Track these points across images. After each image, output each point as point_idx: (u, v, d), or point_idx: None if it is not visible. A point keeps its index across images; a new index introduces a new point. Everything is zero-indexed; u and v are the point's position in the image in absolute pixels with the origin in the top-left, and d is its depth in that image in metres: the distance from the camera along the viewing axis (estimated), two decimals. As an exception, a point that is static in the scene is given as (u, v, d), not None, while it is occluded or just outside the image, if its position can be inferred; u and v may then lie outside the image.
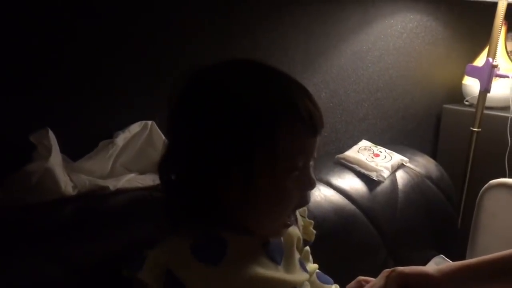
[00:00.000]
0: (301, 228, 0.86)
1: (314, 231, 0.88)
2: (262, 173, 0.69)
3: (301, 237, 0.84)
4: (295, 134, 0.70)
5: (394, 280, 0.76)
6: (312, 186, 0.74)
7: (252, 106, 0.68)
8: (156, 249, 0.71)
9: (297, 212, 0.87)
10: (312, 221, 0.89)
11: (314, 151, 0.73)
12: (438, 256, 1.34)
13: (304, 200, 0.74)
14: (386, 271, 0.79)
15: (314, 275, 0.86)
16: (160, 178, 0.76)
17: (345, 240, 1.16)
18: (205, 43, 1.23)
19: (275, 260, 0.76)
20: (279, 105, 0.69)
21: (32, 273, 0.76)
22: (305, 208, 0.89)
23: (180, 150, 0.73)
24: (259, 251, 0.75)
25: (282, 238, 0.79)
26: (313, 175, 0.74)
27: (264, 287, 0.73)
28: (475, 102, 1.72)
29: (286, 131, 0.69)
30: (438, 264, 1.29)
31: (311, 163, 0.74)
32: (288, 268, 0.78)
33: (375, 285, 0.78)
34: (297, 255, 0.82)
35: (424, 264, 1.29)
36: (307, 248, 0.87)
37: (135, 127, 1.11)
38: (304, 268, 0.81)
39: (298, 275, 0.79)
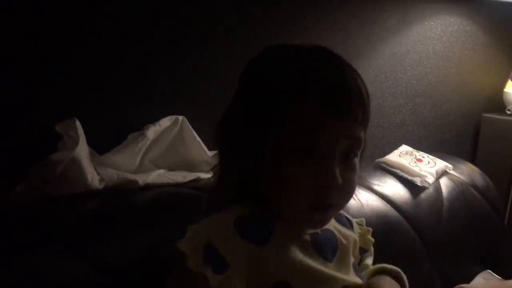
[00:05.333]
0: (357, 234, 0.80)
1: (372, 239, 0.82)
2: (271, 149, 0.65)
3: (357, 241, 0.78)
4: (306, 110, 0.63)
5: None
6: (329, 181, 0.63)
7: (264, 77, 0.66)
8: (198, 224, 0.65)
9: (352, 219, 0.82)
10: (370, 229, 0.83)
11: (341, 139, 0.64)
12: (485, 271, 1.24)
13: (318, 196, 0.64)
14: None
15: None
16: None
17: (387, 248, 1.07)
18: (239, 40, 1.17)
19: (324, 256, 0.69)
20: (291, 74, 0.64)
21: (56, 270, 0.70)
22: (362, 218, 0.85)
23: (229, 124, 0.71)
24: (307, 242, 0.69)
25: (338, 238, 0.73)
26: (337, 170, 0.64)
27: (311, 277, 0.66)
28: (518, 110, 1.65)
29: (297, 105, 0.63)
30: (486, 280, 1.19)
31: (353, 156, 0.66)
32: (340, 267, 0.71)
33: None
34: (352, 259, 0.74)
35: (471, 279, 1.20)
36: (369, 262, 0.80)
37: (166, 121, 1.05)
38: (357, 273, 0.74)
39: (350, 276, 0.71)
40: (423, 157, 1.30)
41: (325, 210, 0.66)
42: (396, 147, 1.42)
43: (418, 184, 1.20)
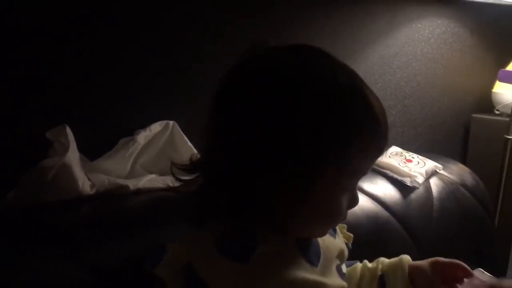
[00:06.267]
0: (340, 237, 0.79)
1: (351, 235, 0.82)
2: (324, 187, 0.61)
3: (345, 249, 0.76)
4: (371, 152, 0.63)
5: None
6: (357, 203, 0.68)
7: (326, 113, 0.59)
8: (177, 243, 0.64)
9: None
10: (345, 225, 0.82)
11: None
12: (476, 269, 1.25)
13: (345, 216, 0.67)
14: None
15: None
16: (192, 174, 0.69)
17: (379, 248, 1.08)
18: (230, 45, 1.18)
19: (311, 261, 0.69)
20: (361, 118, 0.61)
21: (48, 274, 0.70)
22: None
23: (229, 151, 0.62)
24: (293, 250, 0.67)
25: (319, 242, 0.72)
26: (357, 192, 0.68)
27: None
28: (506, 110, 1.67)
29: (363, 148, 0.61)
30: (477, 278, 1.20)
31: None
32: (325, 271, 0.70)
33: None
34: (336, 262, 0.74)
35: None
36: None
37: (156, 127, 1.06)
38: (341, 275, 0.74)
39: (335, 280, 0.71)
40: (413, 158, 1.31)
41: None
42: (387, 149, 1.44)
43: (408, 184, 1.21)
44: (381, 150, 0.65)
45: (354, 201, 0.67)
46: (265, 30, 1.24)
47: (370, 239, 1.07)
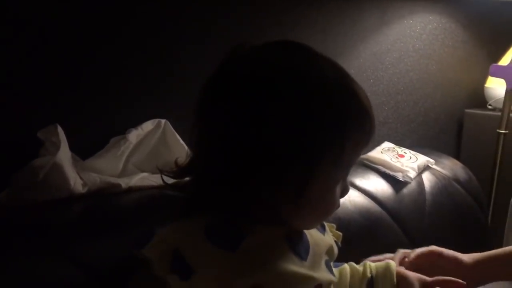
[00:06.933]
0: (329, 233, 0.80)
1: (340, 233, 0.82)
2: (320, 180, 0.62)
3: (334, 245, 0.77)
4: (361, 142, 0.65)
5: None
6: (347, 192, 0.70)
7: (320, 108, 0.60)
8: (167, 227, 0.64)
9: None
10: (334, 224, 0.82)
11: None
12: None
13: (338, 205, 0.69)
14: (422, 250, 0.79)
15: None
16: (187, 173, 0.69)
17: (371, 243, 1.08)
18: (220, 42, 1.18)
19: (299, 255, 0.69)
20: (350, 109, 0.62)
21: (41, 273, 0.71)
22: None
23: (223, 153, 0.63)
24: (282, 242, 0.68)
25: (309, 237, 0.72)
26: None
27: (285, 280, 0.65)
28: (498, 105, 1.67)
29: (354, 139, 0.63)
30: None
31: None
32: (313, 266, 0.71)
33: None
34: (324, 257, 0.75)
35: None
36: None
37: (148, 125, 1.06)
38: (330, 270, 0.74)
39: (324, 274, 0.71)
40: (405, 153, 1.31)
41: None
42: (379, 144, 1.44)
43: (400, 179, 1.22)
44: (370, 140, 0.66)
45: (346, 190, 0.69)
46: (255, 28, 1.25)
47: (362, 234, 1.08)
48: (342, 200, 1.07)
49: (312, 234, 0.72)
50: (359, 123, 0.63)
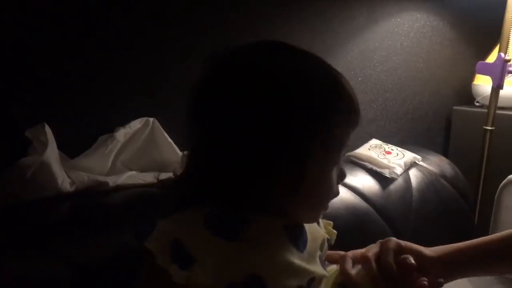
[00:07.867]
0: (322, 228, 0.81)
1: (335, 232, 0.84)
2: (314, 167, 0.65)
3: (325, 238, 0.78)
4: (348, 125, 0.67)
5: (391, 248, 0.74)
6: (345, 177, 0.72)
7: (303, 96, 0.63)
8: (167, 218, 0.65)
9: None
10: (331, 222, 0.84)
11: None
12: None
13: (337, 191, 0.71)
14: (380, 240, 0.77)
15: None
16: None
17: (358, 238, 1.08)
18: (209, 40, 1.19)
19: (297, 247, 0.70)
20: (333, 95, 0.65)
21: (28, 272, 0.71)
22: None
23: (215, 145, 0.65)
24: (281, 233, 0.69)
25: (307, 230, 0.74)
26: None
27: (283, 270, 0.66)
28: (485, 102, 1.69)
29: (341, 123, 0.66)
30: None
31: None
32: (310, 259, 0.72)
33: (370, 251, 0.76)
34: (318, 252, 0.76)
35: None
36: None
37: (136, 124, 1.07)
38: (323, 265, 0.76)
39: (318, 268, 0.73)
40: (392, 150, 1.33)
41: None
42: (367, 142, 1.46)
43: (387, 175, 1.23)
44: (357, 123, 0.69)
45: (342, 175, 0.70)
46: (243, 27, 1.25)
47: (349, 230, 1.09)
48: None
49: (310, 227, 0.74)
50: (345, 106, 0.66)
